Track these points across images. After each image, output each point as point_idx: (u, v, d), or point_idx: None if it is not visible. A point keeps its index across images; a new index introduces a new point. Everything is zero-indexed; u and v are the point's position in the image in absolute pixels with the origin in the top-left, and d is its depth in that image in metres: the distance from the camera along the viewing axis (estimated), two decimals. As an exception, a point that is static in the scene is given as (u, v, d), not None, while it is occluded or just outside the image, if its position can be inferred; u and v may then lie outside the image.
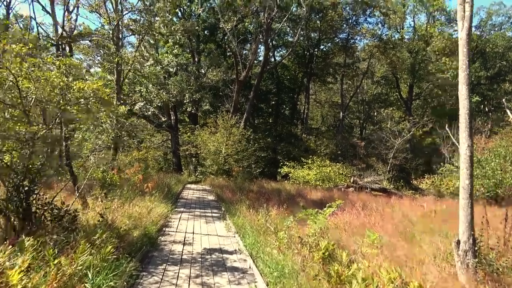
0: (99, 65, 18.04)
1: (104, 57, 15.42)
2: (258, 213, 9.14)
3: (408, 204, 14.12)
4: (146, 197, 9.99)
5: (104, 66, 17.13)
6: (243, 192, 13.18)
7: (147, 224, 7.03)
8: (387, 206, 13.51)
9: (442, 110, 39.82)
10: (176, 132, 31.22)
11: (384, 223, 8.81)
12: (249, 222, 8.15)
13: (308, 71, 36.85)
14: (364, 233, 7.16)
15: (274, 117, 37.61)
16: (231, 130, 24.81)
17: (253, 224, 7.82)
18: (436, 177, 21.93)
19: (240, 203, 10.83)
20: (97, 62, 18.62)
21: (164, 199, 10.94)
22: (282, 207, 9.84)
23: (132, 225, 6.51)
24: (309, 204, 12.98)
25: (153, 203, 9.19)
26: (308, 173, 24.43)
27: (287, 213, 9.23)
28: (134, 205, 8.34)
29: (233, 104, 26.32)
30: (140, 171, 13.94)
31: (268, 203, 12.49)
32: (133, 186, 10.32)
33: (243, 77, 25.18)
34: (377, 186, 21.08)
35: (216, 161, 24.26)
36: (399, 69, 36.87)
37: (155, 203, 9.47)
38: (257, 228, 7.45)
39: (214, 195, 15.75)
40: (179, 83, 16.74)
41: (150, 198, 9.77)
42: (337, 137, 32.23)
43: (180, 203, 12.56)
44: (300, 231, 6.44)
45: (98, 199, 8.78)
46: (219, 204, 12.66)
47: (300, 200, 14.01)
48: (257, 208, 10.40)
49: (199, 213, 10.44)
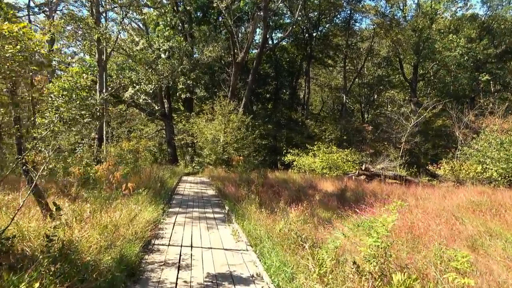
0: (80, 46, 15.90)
1: (83, 34, 13.32)
2: (274, 214, 7.30)
3: (436, 194, 12.35)
4: (132, 198, 8.10)
5: (84, 45, 15.03)
6: (247, 185, 11.30)
7: (127, 239, 5.15)
8: (413, 196, 11.72)
9: (446, 90, 37.98)
10: (171, 120, 29.27)
11: (432, 222, 6.99)
12: (264, 228, 6.30)
13: (308, 54, 34.79)
14: (425, 242, 5.33)
15: (273, 102, 35.65)
16: (229, 117, 22.92)
17: (272, 233, 5.96)
18: (455, 161, 20.16)
19: (247, 199, 8.97)
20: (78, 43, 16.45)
21: (155, 198, 9.06)
22: (300, 204, 8.00)
23: (106, 243, 4.63)
24: (325, 198, 11.18)
25: (140, 205, 7.30)
26: (313, 160, 22.65)
27: (308, 213, 7.40)
28: (115, 210, 6.46)
29: (231, 88, 24.30)
30: (117, 166, 12.02)
31: (278, 197, 10.67)
32: (107, 187, 8.37)
33: (241, 59, 23.11)
34: (391, 173, 19.33)
35: (214, 150, 22.42)
36: (404, 48, 34.84)
37: (143, 205, 7.59)
38: (278, 239, 5.59)
39: (214, 188, 13.90)
40: (170, 63, 14.65)
41: (137, 198, 7.88)
42: (340, 122, 30.34)
43: (175, 200, 10.68)
44: (348, 243, 4.58)
45: (66, 204, 6.91)
46: (221, 200, 10.81)
47: (314, 192, 12.20)
48: (270, 206, 8.56)
49: (197, 214, 8.57)
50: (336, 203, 9.50)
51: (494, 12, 37.23)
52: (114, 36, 13.64)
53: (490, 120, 23.79)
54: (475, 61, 36.87)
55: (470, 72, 36.03)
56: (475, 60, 36.55)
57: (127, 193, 6.89)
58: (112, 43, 13.41)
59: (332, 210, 8.69)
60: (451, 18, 38.68)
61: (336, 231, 6.34)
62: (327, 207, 9.33)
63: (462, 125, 26.76)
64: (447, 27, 38.96)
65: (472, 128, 26.52)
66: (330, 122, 30.20)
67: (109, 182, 8.06)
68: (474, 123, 26.28)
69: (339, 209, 9.03)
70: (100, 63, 13.26)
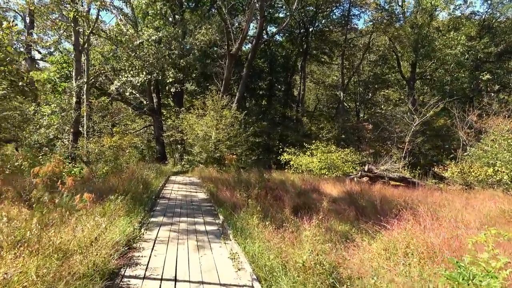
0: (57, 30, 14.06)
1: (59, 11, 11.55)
2: (282, 229, 5.79)
3: (456, 200, 10.98)
4: (105, 205, 6.52)
5: (59, 26, 13.24)
6: (245, 189, 9.75)
7: (80, 275, 3.56)
8: (433, 203, 10.31)
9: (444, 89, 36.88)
10: (159, 116, 27.58)
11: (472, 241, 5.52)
12: (274, 254, 4.76)
13: (304, 49, 33.37)
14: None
15: (267, 98, 34.12)
16: (222, 112, 21.32)
17: (286, 260, 4.42)
18: (463, 163, 18.93)
19: (246, 207, 7.43)
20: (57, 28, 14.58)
21: (134, 204, 7.47)
22: (309, 212, 6.50)
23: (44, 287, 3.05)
24: (334, 204, 9.70)
25: (112, 217, 5.71)
26: (311, 160, 21.22)
27: (325, 228, 5.89)
28: (78, 223, 4.86)
29: (224, 82, 22.67)
30: (63, 167, 10.33)
31: (280, 203, 9.17)
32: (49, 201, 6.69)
33: (236, 50, 21.48)
34: (396, 175, 17.97)
35: (205, 148, 20.83)
36: (403, 45, 33.64)
37: (117, 214, 6.01)
38: (299, 274, 4.01)
39: (205, 191, 12.31)
40: (157, 47, 12.89)
41: (109, 208, 6.28)
42: (338, 120, 28.95)
43: (160, 206, 9.08)
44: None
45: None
46: (214, 207, 9.24)
47: (319, 197, 10.71)
48: (274, 216, 7.04)
49: (185, 226, 6.99)
50: (351, 212, 8.02)
51: (495, 10, 36.21)
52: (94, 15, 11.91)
53: (494, 121, 22.62)
54: (475, 60, 35.92)
55: (470, 71, 35.07)
56: (475, 58, 35.59)
57: (83, 207, 5.23)
58: (91, 23, 11.68)
59: (350, 222, 7.21)
60: (450, 16, 37.68)
61: (366, 255, 4.87)
62: (341, 217, 7.85)
63: (465, 125, 25.63)
64: (446, 25, 37.98)
65: (475, 129, 25.42)
66: (327, 120, 28.76)
67: (54, 191, 6.32)
68: (476, 123, 25.16)
69: (355, 219, 7.56)
70: (76, 46, 11.54)
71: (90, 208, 5.44)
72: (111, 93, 23.34)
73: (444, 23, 38.48)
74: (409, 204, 9.23)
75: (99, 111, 19.19)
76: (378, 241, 5.79)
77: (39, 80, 19.85)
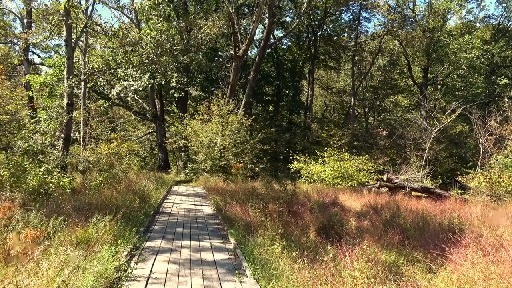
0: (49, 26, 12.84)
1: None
2: (315, 262, 4.41)
3: (501, 216, 9.51)
4: (88, 228, 5.19)
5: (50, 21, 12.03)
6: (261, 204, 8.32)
7: None
8: (476, 219, 8.85)
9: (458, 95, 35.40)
10: (162, 122, 26.37)
11: None
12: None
13: (312, 54, 32.16)
14: None
15: (274, 104, 32.81)
16: (228, 118, 20.04)
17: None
18: (491, 172, 17.41)
19: (263, 228, 6.04)
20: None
21: (126, 225, 6.12)
22: (349, 239, 5.12)
23: None
24: (358, 220, 8.29)
25: (91, 247, 4.35)
26: (323, 169, 19.79)
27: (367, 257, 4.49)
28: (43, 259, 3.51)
29: (230, 85, 21.40)
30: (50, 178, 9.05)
31: (301, 220, 7.78)
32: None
33: (243, 51, 20.25)
34: (418, 185, 16.48)
35: (210, 155, 19.52)
36: (416, 49, 32.27)
37: (99, 244, 4.66)
38: None
39: (211, 204, 10.93)
40: (157, 38, 11.59)
41: (91, 232, 4.93)
42: (349, 126, 27.53)
43: (159, 224, 7.71)
44: None
45: None
46: (222, 224, 7.85)
47: (343, 212, 9.29)
48: (299, 240, 5.65)
49: (188, 254, 5.58)
50: (394, 236, 6.56)
51: (510, 12, 34.86)
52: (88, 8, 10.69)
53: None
54: (490, 64, 34.53)
55: (485, 76, 33.64)
56: (490, 63, 34.19)
57: (22, 253, 3.76)
58: (84, 16, 10.47)
59: (396, 251, 5.76)
60: (461, 21, 36.44)
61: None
62: (377, 239, 6.42)
63: (485, 132, 24.09)
64: (458, 29, 36.73)
65: (495, 136, 23.87)
66: (338, 126, 27.35)
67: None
68: (496, 130, 23.65)
69: (398, 243, 6.14)
70: (69, 41, 10.31)
71: (32, 252, 3.73)
72: (112, 98, 22.19)
73: (456, 27, 37.28)
74: (453, 222, 7.80)
75: (97, 115, 17.95)
76: (443, 278, 4.38)
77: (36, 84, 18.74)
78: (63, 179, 9.92)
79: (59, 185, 9.67)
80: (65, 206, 7.09)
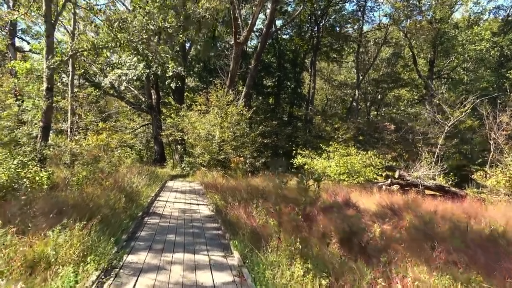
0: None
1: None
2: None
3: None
4: (49, 240, 3.97)
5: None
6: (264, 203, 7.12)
7: None
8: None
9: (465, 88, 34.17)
10: (158, 114, 25.12)
11: None
12: None
13: (314, 45, 30.82)
14: None
15: (275, 96, 31.50)
16: (227, 109, 18.79)
17: None
18: (510, 170, 16.24)
19: (276, 240, 4.83)
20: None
21: (103, 233, 4.90)
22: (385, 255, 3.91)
23: None
24: (389, 228, 7.10)
25: (42, 271, 3.14)
26: (328, 164, 18.59)
27: None
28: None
29: (230, 75, 20.11)
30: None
31: (316, 225, 6.58)
32: None
33: (244, 38, 18.91)
34: (432, 183, 15.31)
35: (208, 149, 18.30)
36: (423, 40, 30.99)
37: (60, 265, 3.45)
38: None
39: (209, 203, 9.72)
40: (146, 12, 10.18)
41: (51, 246, 3.72)
42: (353, 119, 26.28)
43: (146, 230, 6.49)
44: None
45: None
46: (222, 231, 6.64)
47: (360, 214, 8.09)
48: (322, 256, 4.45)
49: (180, 275, 4.33)
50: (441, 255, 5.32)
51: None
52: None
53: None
54: (499, 57, 33.28)
55: (494, 69, 32.44)
56: (499, 56, 32.94)
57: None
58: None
59: (448, 272, 4.56)
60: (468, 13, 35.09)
61: None
62: (419, 256, 5.20)
63: (496, 127, 22.90)
64: (465, 21, 35.40)
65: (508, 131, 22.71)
66: (342, 120, 26.11)
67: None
68: (508, 125, 22.49)
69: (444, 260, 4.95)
70: (48, 17, 9.00)
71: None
72: (103, 86, 20.85)
73: (463, 18, 35.96)
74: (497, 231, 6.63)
75: (86, 104, 16.64)
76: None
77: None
78: (40, 173, 8.69)
79: (35, 181, 8.45)
80: (34, 207, 5.85)
